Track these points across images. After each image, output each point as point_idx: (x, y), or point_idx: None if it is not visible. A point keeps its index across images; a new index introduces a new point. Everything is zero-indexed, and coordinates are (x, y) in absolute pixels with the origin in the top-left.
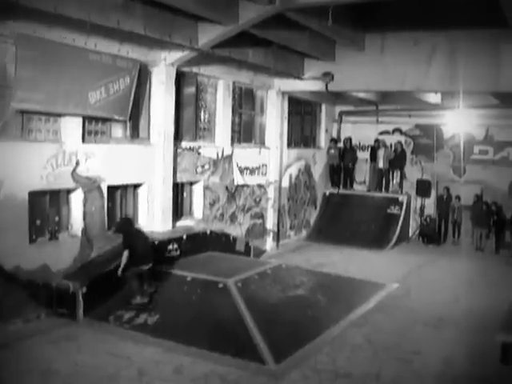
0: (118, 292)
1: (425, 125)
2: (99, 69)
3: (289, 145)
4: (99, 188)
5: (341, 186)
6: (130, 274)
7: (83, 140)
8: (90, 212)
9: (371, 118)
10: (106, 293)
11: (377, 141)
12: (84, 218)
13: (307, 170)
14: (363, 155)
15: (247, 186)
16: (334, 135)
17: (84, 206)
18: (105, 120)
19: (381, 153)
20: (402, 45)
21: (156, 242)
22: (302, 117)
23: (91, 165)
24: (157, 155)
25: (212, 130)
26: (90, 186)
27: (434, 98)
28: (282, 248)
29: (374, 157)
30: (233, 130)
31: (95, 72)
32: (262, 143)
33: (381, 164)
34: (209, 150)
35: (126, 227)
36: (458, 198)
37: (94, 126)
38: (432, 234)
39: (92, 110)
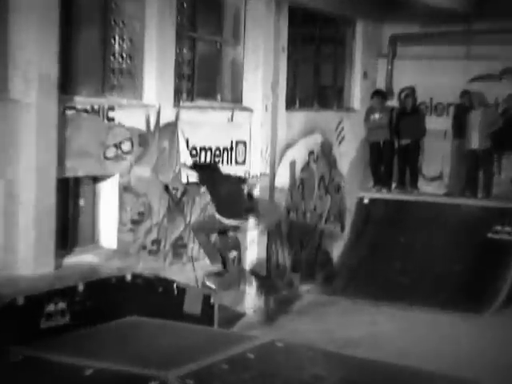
0: None
1: None
2: None
3: (290, 104)
4: None
5: (393, 185)
6: (197, 225)
7: None
8: None
9: (455, 47)
10: None
11: (467, 94)
12: None
13: (326, 154)
14: (438, 124)
15: None
16: (381, 85)
17: None
18: None
19: (475, 118)
20: None
21: (20, 301)
22: (318, 48)
23: None
24: (24, 123)
25: (137, 75)
26: None
27: None
28: (276, 308)
29: (460, 127)
30: (179, 75)
31: None
32: (237, 100)
33: (475, 141)
34: (131, 115)
35: (214, 174)
36: None
37: None
38: None
39: None
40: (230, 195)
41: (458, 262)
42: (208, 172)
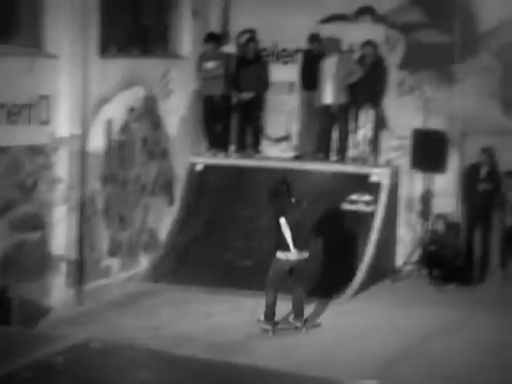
0: None
1: None
2: None
3: (104, 50)
4: None
5: (231, 149)
6: (275, 270)
7: None
8: None
9: None
10: None
11: (315, 38)
12: None
13: (150, 111)
14: (284, 74)
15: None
16: (215, 26)
17: None
18: None
19: (329, 67)
20: None
21: None
22: None
23: None
24: None
25: None
26: None
27: None
28: (91, 300)
29: (310, 78)
30: None
31: None
32: (38, 44)
33: (329, 95)
34: None
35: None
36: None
37: None
38: (451, 261)
39: None
40: (298, 224)
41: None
42: (282, 200)
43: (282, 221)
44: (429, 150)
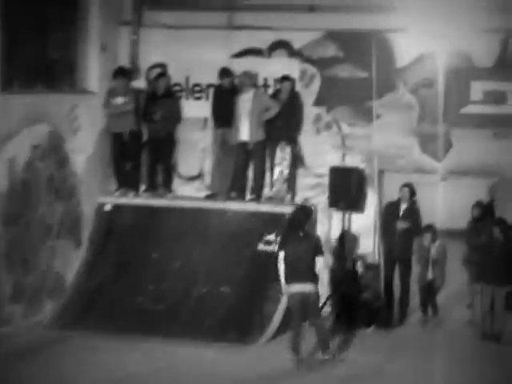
0: None
1: (349, 33)
2: None
3: (6, 85)
4: None
5: (142, 187)
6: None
7: None
8: None
9: (215, 14)
10: None
11: (226, 73)
12: None
13: (55, 149)
14: (196, 110)
15: None
16: (124, 61)
17: None
18: None
19: (244, 103)
20: None
21: None
22: (42, 10)
23: None
24: None
25: None
26: None
27: None
28: None
29: (223, 114)
30: None
31: None
32: None
33: (245, 132)
34: None
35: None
36: (432, 229)
37: None
38: (370, 304)
39: None
40: (300, 258)
41: (224, 282)
42: (288, 232)
43: (280, 255)
44: (347, 188)
